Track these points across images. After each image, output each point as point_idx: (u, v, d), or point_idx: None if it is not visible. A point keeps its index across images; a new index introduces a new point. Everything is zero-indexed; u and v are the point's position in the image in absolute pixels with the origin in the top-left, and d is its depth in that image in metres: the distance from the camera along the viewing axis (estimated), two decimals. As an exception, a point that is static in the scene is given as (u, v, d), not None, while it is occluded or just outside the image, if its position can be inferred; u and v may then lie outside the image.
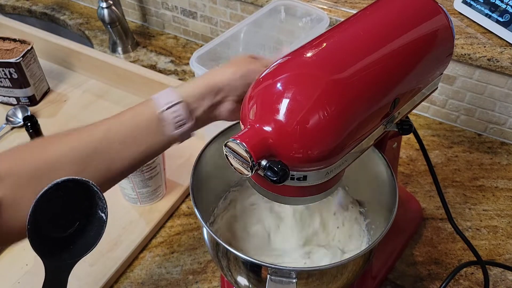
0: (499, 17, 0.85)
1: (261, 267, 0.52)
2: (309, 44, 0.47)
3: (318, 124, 0.42)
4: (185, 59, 1.18)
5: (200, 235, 0.79)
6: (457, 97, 0.95)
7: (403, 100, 0.51)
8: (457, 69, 0.91)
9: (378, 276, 0.71)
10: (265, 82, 0.45)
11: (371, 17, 0.51)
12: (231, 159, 0.44)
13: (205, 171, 0.61)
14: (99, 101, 1.05)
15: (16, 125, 0.99)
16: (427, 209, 0.82)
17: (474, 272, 0.74)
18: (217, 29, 1.17)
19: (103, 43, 1.23)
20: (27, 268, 0.73)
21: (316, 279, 0.52)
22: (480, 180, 0.87)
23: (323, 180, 0.46)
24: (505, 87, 0.88)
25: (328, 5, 0.98)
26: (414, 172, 0.89)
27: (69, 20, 1.32)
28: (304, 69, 0.44)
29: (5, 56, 0.98)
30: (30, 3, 1.39)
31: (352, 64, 0.45)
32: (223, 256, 0.55)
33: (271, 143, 0.42)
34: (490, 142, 0.95)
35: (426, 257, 0.76)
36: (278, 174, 0.42)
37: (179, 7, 1.20)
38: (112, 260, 0.74)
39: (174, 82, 0.98)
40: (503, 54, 0.85)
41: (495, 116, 0.93)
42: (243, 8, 1.08)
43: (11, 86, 1.00)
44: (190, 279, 0.73)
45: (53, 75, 1.11)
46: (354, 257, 0.50)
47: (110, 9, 1.11)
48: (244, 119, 0.46)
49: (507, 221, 0.80)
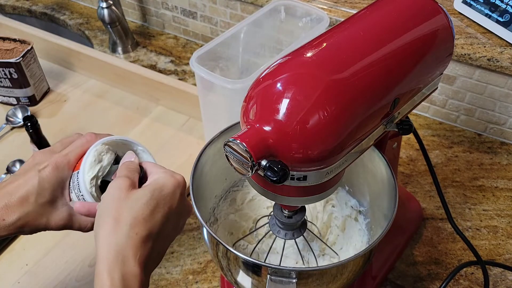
0: (499, 17, 0.85)
1: (261, 267, 0.52)
2: (309, 44, 0.47)
3: (318, 124, 0.42)
4: (185, 59, 1.18)
5: (200, 235, 0.79)
6: (457, 97, 0.95)
7: (403, 100, 0.51)
8: (457, 69, 0.91)
9: (378, 276, 0.71)
10: (265, 82, 0.45)
11: (371, 17, 0.51)
12: (231, 159, 0.44)
13: (205, 171, 0.61)
14: (99, 101, 1.05)
15: (16, 125, 0.99)
16: (427, 209, 0.82)
17: (474, 272, 0.74)
18: (217, 29, 1.17)
19: (103, 43, 1.23)
20: (27, 268, 0.73)
21: (316, 279, 0.52)
22: (480, 180, 0.87)
23: (323, 180, 0.46)
24: (505, 87, 0.88)
25: (328, 5, 0.98)
26: (414, 172, 0.89)
27: (69, 20, 1.32)
28: (304, 69, 0.44)
29: (5, 56, 0.98)
30: (30, 3, 1.39)
31: (352, 64, 0.45)
32: (223, 256, 0.55)
33: (271, 143, 0.42)
34: (490, 142, 0.95)
35: (426, 257, 0.76)
36: (278, 174, 0.42)
37: (179, 7, 1.20)
38: (112, 260, 0.74)
39: (174, 82, 0.98)
40: (503, 54, 0.85)
41: (495, 116, 0.93)
42: (243, 8, 1.08)
43: (11, 86, 1.00)
44: (190, 279, 0.73)
45: (53, 75, 1.11)
46: (354, 257, 0.50)
47: (110, 9, 1.11)
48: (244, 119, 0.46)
49: (507, 221, 0.80)
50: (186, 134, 0.96)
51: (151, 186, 0.48)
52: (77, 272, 0.73)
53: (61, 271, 0.73)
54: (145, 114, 1.01)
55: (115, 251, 0.42)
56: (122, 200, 0.45)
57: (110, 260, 0.42)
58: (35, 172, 0.52)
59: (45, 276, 0.72)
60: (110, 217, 0.44)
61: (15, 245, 0.77)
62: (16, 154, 0.91)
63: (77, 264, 0.74)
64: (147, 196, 0.46)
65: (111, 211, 0.45)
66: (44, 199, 0.51)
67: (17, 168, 0.88)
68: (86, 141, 0.54)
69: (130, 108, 1.03)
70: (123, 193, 0.46)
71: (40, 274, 0.73)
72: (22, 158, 0.90)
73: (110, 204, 0.45)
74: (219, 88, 0.72)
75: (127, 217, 0.44)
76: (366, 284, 0.70)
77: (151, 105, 1.03)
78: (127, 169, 0.50)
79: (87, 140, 0.54)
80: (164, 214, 0.47)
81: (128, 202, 0.45)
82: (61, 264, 0.74)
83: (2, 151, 0.94)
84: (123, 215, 0.44)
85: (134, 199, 0.45)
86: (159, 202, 0.46)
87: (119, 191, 0.46)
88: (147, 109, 1.02)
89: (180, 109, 1.00)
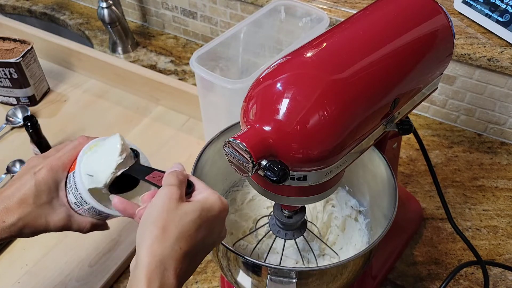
0: (499, 17, 0.85)
1: (261, 267, 0.52)
2: (309, 44, 0.47)
3: (318, 124, 0.42)
4: (185, 59, 1.18)
5: (200, 235, 0.79)
6: (457, 97, 0.95)
7: (403, 100, 0.51)
8: (457, 69, 0.91)
9: (378, 276, 0.71)
10: (265, 82, 0.45)
11: (371, 17, 0.51)
12: (231, 159, 0.44)
13: (205, 171, 0.61)
14: (99, 101, 1.05)
15: (16, 125, 0.99)
16: (427, 209, 0.82)
17: (474, 272, 0.74)
18: (217, 29, 1.17)
19: (103, 43, 1.23)
20: (27, 268, 0.73)
21: (316, 279, 0.52)
22: (480, 180, 0.87)
23: (323, 180, 0.46)
24: (505, 87, 0.88)
25: (328, 5, 0.98)
26: (414, 172, 0.89)
27: (69, 20, 1.32)
28: (304, 69, 0.44)
29: (5, 56, 0.98)
30: (30, 3, 1.39)
31: (352, 64, 0.45)
32: (223, 256, 0.55)
33: (271, 143, 0.42)
34: (490, 142, 0.95)
35: (426, 257, 0.76)
36: (278, 174, 0.42)
37: (179, 7, 1.20)
38: (112, 260, 0.74)
39: (174, 82, 0.98)
40: (503, 54, 0.85)
41: (495, 116, 0.93)
42: (243, 8, 1.08)
43: (11, 86, 1.00)
44: (190, 279, 0.73)
45: (53, 75, 1.11)
46: (354, 257, 0.50)
47: (110, 9, 1.11)
48: (244, 119, 0.46)
49: (507, 221, 0.80)
50: (186, 134, 0.96)
51: (200, 205, 0.47)
52: (77, 272, 0.73)
53: (61, 271, 0.73)
54: (145, 114, 1.01)
55: (158, 261, 0.42)
56: (171, 212, 0.45)
57: (152, 268, 0.42)
58: (30, 175, 0.53)
59: (45, 276, 0.72)
60: (158, 227, 0.44)
61: (15, 245, 0.77)
62: (16, 154, 0.91)
63: (77, 264, 0.74)
64: (196, 214, 0.46)
65: (159, 220, 0.44)
66: (42, 200, 0.52)
67: (17, 168, 0.88)
68: (79, 143, 0.55)
69: (130, 108, 1.03)
70: (172, 204, 0.45)
71: (40, 274, 0.73)
72: (22, 158, 0.90)
73: (158, 213, 0.45)
74: (219, 88, 0.72)
75: (175, 230, 0.44)
76: (366, 284, 0.70)
77: (151, 105, 1.03)
78: (178, 179, 0.48)
79: (79, 143, 0.56)
80: (206, 235, 0.47)
81: (177, 215, 0.45)
82: (61, 264, 0.74)
83: (2, 151, 0.94)
84: (171, 227, 0.44)
85: (183, 213, 0.45)
86: (205, 222, 0.46)
87: (169, 201, 0.46)
88: (147, 109, 1.02)
89: (180, 109, 1.00)
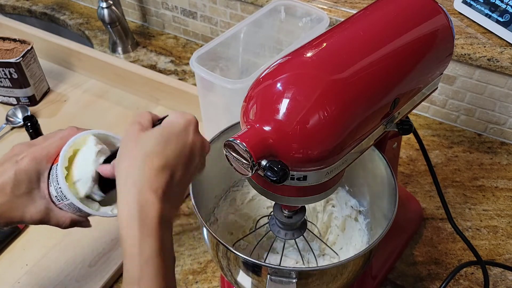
0: (499, 17, 0.85)
1: (261, 267, 0.52)
2: (309, 44, 0.47)
3: (318, 124, 0.42)
4: (185, 59, 1.18)
5: (200, 235, 0.79)
6: (457, 97, 0.95)
7: (403, 100, 0.51)
8: (457, 69, 0.91)
9: (378, 276, 0.71)
10: (265, 82, 0.45)
11: (371, 17, 0.51)
12: (231, 159, 0.44)
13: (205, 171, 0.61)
14: (99, 101, 1.05)
15: (16, 125, 0.99)
16: (427, 209, 0.82)
17: (474, 272, 0.74)
18: (217, 29, 1.17)
19: (103, 43, 1.23)
20: (27, 268, 0.73)
21: (316, 279, 0.52)
22: (480, 180, 0.87)
23: (323, 180, 0.46)
24: (505, 87, 0.88)
25: (328, 5, 0.98)
26: (414, 172, 0.89)
27: (69, 20, 1.32)
28: (304, 69, 0.44)
29: (5, 56, 0.98)
30: (30, 3, 1.39)
31: (352, 64, 0.45)
32: (223, 256, 0.55)
33: (271, 143, 0.42)
34: (490, 142, 0.95)
35: (426, 257, 0.76)
36: (278, 174, 0.42)
37: (179, 7, 1.20)
38: (112, 260, 0.74)
39: (174, 82, 0.98)
40: (503, 54, 0.85)
41: (495, 116, 0.93)
42: (243, 8, 1.08)
43: (11, 86, 1.00)
44: (190, 279, 0.73)
45: (53, 75, 1.11)
46: (354, 257, 0.50)
47: (110, 9, 1.11)
48: (244, 119, 0.46)
49: (507, 221, 0.80)
50: (186, 134, 0.96)
51: (161, 125, 0.49)
52: (77, 272, 0.73)
53: (61, 271, 0.73)
54: (145, 114, 1.01)
55: (130, 183, 0.45)
56: (134, 141, 0.47)
57: (125, 191, 0.45)
58: (12, 163, 0.51)
59: (45, 276, 0.72)
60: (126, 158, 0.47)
61: (15, 245, 0.77)
62: (16, 154, 0.91)
63: (77, 264, 0.74)
64: (158, 133, 0.48)
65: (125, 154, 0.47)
66: (21, 191, 0.51)
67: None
68: (67, 134, 0.54)
69: (130, 108, 1.03)
70: (134, 135, 0.48)
71: (40, 274, 0.73)
72: (22, 158, 0.90)
73: (123, 148, 0.48)
74: (219, 88, 0.72)
75: (140, 153, 0.46)
76: (366, 284, 0.70)
77: (151, 105, 1.03)
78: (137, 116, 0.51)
79: (68, 133, 0.54)
80: (178, 147, 0.48)
81: (140, 141, 0.47)
82: (61, 264, 0.74)
83: (2, 151, 0.93)
84: (136, 151, 0.46)
85: (147, 137, 0.47)
86: (170, 137, 0.48)
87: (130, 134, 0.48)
88: (147, 109, 1.01)
89: (180, 109, 0.99)
